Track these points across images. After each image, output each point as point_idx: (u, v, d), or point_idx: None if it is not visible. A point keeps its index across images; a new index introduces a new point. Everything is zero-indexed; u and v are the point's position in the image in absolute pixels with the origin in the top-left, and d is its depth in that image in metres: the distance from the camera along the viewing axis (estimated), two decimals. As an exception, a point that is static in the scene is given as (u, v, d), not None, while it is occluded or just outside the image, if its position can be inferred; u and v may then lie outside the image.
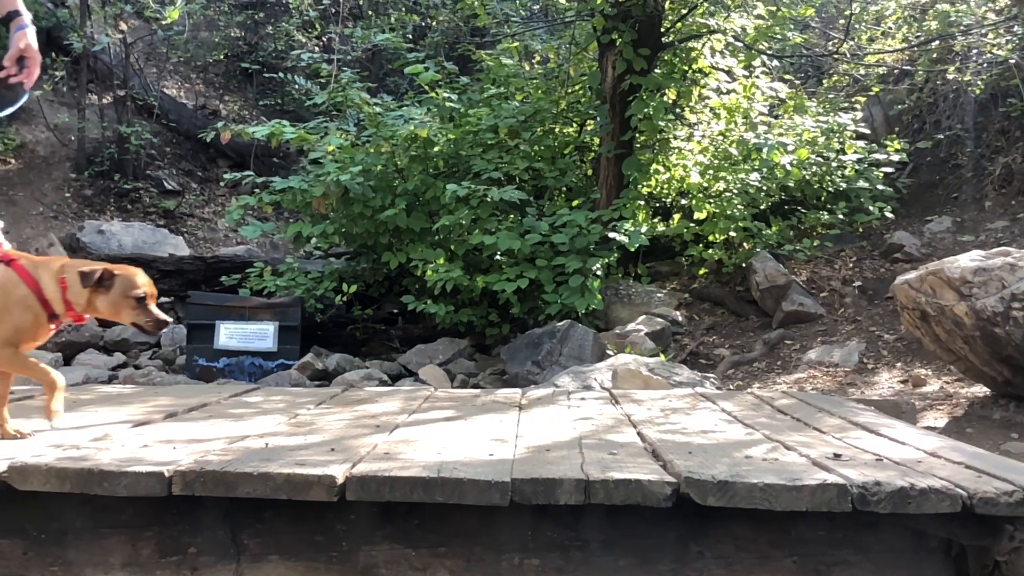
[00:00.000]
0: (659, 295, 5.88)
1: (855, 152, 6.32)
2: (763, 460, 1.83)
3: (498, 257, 6.04)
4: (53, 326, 2.00)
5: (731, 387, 4.09)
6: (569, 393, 3.01)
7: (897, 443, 2.06)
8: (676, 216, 6.32)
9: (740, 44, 6.48)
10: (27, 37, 2.49)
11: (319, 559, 1.77)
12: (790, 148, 5.92)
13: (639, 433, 2.17)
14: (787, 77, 7.33)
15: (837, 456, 1.87)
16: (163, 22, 8.70)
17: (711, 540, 1.79)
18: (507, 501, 1.62)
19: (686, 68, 6.75)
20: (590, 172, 7.16)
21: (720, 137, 6.39)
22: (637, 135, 6.36)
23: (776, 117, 6.81)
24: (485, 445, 1.97)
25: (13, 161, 9.83)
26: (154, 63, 11.51)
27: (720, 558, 1.79)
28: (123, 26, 8.96)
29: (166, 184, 9.96)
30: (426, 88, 6.93)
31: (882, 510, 1.61)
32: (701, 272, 6.24)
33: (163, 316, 2.02)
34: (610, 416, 2.46)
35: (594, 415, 2.46)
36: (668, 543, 1.79)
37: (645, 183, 6.40)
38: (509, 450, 1.92)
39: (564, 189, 6.89)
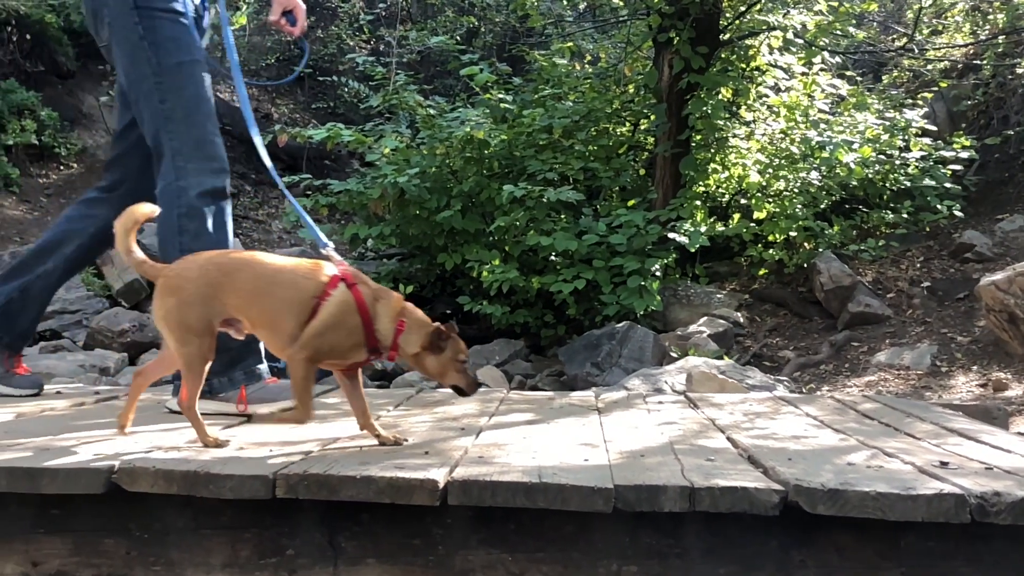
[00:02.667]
0: (718, 296, 5.80)
1: (920, 149, 6.17)
2: (867, 467, 1.78)
3: (553, 258, 6.02)
4: (372, 358, 1.98)
5: (803, 390, 4.01)
6: (644, 396, 2.98)
7: (1002, 451, 1.99)
8: (736, 216, 6.23)
9: (800, 41, 6.36)
10: None
11: (416, 563, 1.77)
12: (855, 146, 5.80)
13: (729, 438, 2.13)
14: (848, 73, 7.17)
15: (944, 464, 1.81)
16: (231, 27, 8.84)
17: (814, 549, 1.74)
18: (611, 508, 1.60)
19: (744, 66, 6.66)
20: (643, 171, 7.10)
21: (781, 135, 6.28)
22: (694, 134, 6.29)
23: (834, 114, 6.68)
24: (577, 450, 1.95)
25: (76, 165, 10.09)
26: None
27: (824, 567, 1.74)
28: None
29: (222, 187, 10.12)
30: (478, 90, 6.94)
31: (1002, 521, 1.55)
32: (761, 272, 6.15)
33: (479, 379, 2.04)
34: (693, 420, 2.42)
35: (677, 419, 2.43)
36: (770, 551, 1.74)
37: (703, 182, 6.32)
38: (602, 455, 1.90)
39: (617, 189, 6.85)
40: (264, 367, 2.42)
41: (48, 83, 10.33)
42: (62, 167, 10.01)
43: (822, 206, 6.30)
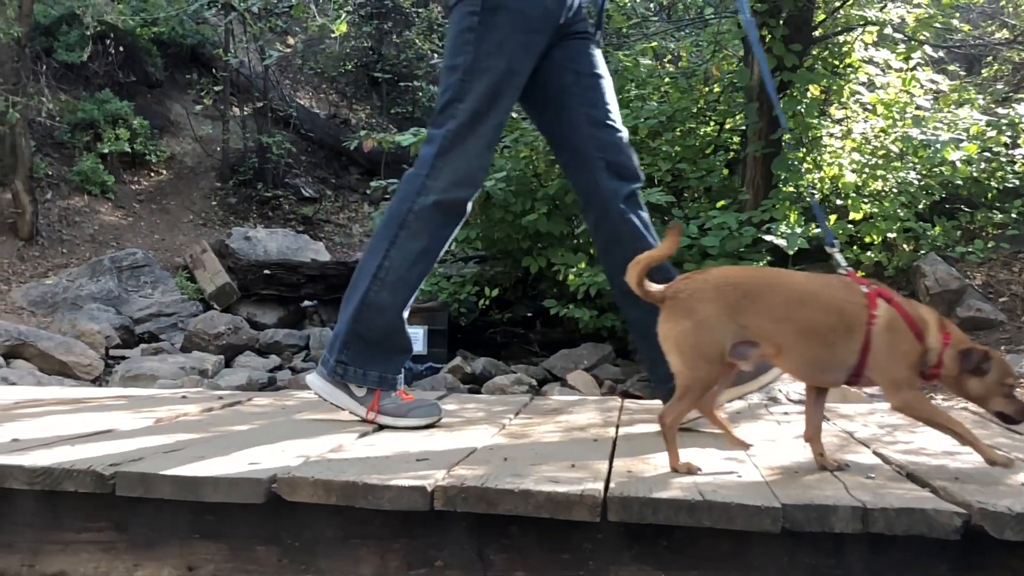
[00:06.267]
0: (814, 300, 5.62)
1: (1032, 146, 5.88)
2: (1045, 489, 1.68)
3: (640, 260, 5.93)
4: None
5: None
6: (766, 406, 2.89)
7: None
8: (832, 217, 6.05)
9: (898, 36, 6.14)
10: None
11: (565, 577, 1.74)
12: (962, 144, 5.56)
13: (877, 453, 2.05)
14: (950, 68, 6.89)
15: None
16: (332, 35, 9.07)
17: (987, 573, 1.65)
18: (778, 528, 1.54)
19: (836, 63, 6.46)
20: (726, 172, 6.96)
21: (882, 134, 6.07)
22: (786, 135, 6.13)
23: (932, 111, 6.42)
24: (723, 464, 1.89)
25: (165, 172, 10.45)
26: (288, 75, 12.01)
27: (998, 594, 1.64)
28: (290, 40, 9.34)
29: (303, 191, 10.35)
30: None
31: None
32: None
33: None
34: (830, 433, 2.33)
35: (812, 431, 2.34)
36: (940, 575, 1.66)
37: (797, 182, 6.15)
38: (752, 470, 1.84)
39: (703, 190, 6.72)
40: (401, 378, 2.42)
41: (138, 92, 10.73)
42: (152, 174, 10.38)
43: (920, 206, 6.07)
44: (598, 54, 2.47)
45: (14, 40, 8.19)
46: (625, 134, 2.46)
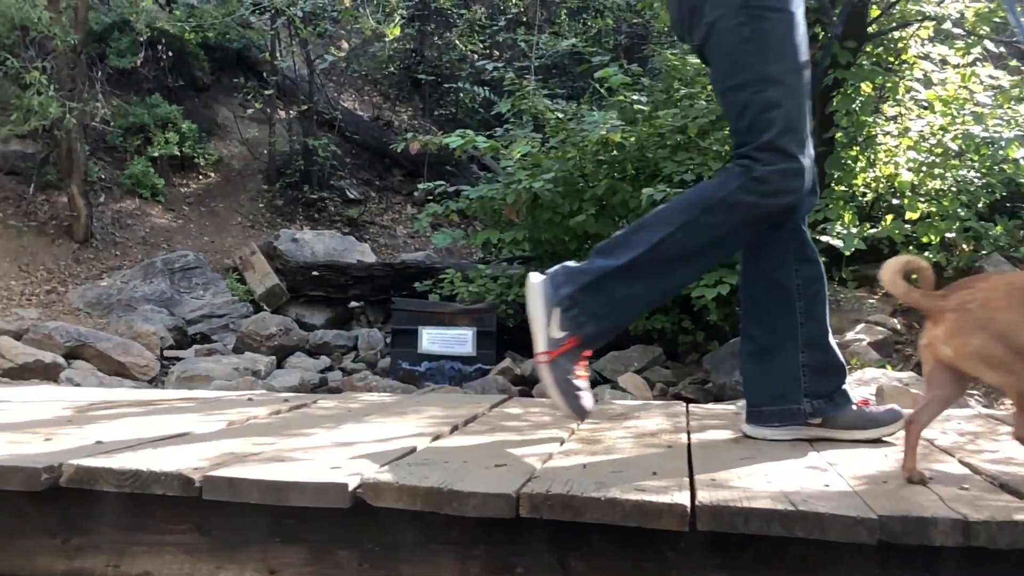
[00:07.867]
0: (870, 301, 5.53)
1: (1098, 143, 5.69)
2: None
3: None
4: None
5: (993, 405, 3.76)
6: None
7: None
8: (889, 217, 5.93)
9: (957, 31, 6.00)
10: None
11: (648, 587, 1.72)
12: (1028, 141, 5.42)
13: (964, 463, 1.99)
14: (1011, 63, 6.72)
15: None
16: (385, 38, 9.16)
17: (1090, 590, 1.59)
18: (875, 540, 1.50)
19: (892, 59, 6.33)
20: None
21: (940, 131, 5.93)
22: (838, 132, 6.02)
23: (991, 107, 6.25)
24: (806, 473, 1.86)
25: (213, 175, 10.61)
26: (333, 78, 12.12)
27: (1101, 610, 1.59)
28: (344, 44, 9.43)
29: (348, 193, 10.44)
30: (602, 92, 6.85)
31: None
32: (914, 277, 5.81)
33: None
34: (909, 440, 2.28)
35: (890, 438, 2.29)
36: (1040, 590, 1.60)
37: (851, 182, 6.04)
38: (838, 480, 1.80)
39: (754, 190, 6.63)
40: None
41: (186, 96, 10.91)
42: (201, 177, 10.54)
43: (979, 205, 5.92)
44: None
45: (70, 48, 8.38)
46: None
